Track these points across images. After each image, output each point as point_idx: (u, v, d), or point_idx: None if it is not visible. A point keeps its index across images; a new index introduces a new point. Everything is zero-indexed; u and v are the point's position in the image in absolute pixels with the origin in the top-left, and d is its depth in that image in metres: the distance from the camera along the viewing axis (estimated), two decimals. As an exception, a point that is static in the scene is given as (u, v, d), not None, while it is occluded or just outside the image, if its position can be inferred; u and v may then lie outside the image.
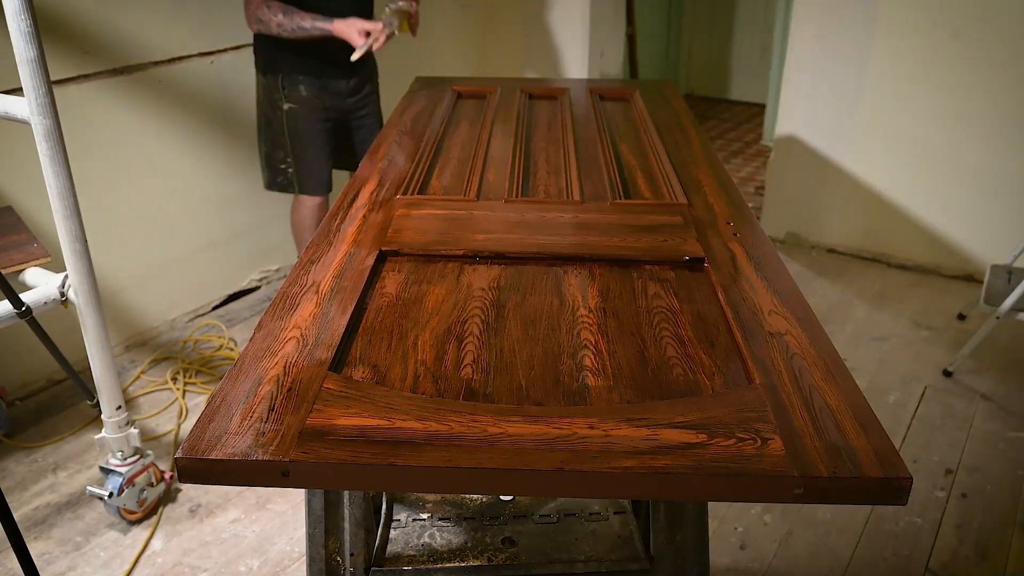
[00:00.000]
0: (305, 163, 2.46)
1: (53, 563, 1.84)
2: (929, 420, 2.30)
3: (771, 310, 1.16)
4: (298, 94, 2.37)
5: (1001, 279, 2.50)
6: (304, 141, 2.43)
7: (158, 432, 2.30)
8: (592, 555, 1.38)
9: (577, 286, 1.25)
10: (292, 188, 2.51)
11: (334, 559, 1.24)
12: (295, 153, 2.44)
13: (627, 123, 2.15)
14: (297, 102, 2.38)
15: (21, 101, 1.55)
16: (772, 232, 3.48)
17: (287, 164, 2.47)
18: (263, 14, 2.22)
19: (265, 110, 2.45)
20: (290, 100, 2.38)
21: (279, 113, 2.40)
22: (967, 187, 2.99)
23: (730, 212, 1.54)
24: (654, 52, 5.47)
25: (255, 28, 2.28)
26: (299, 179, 2.49)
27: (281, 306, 1.16)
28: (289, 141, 2.43)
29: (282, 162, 2.48)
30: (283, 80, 2.36)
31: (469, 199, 1.57)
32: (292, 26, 2.22)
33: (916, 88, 2.97)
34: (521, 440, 0.88)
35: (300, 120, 2.40)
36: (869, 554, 1.84)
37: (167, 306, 2.80)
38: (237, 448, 0.87)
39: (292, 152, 2.44)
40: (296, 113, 2.39)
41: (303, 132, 2.42)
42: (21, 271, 1.82)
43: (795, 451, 0.86)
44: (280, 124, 2.42)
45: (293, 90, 2.37)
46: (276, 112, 2.41)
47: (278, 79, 2.36)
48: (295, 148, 2.44)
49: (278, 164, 2.49)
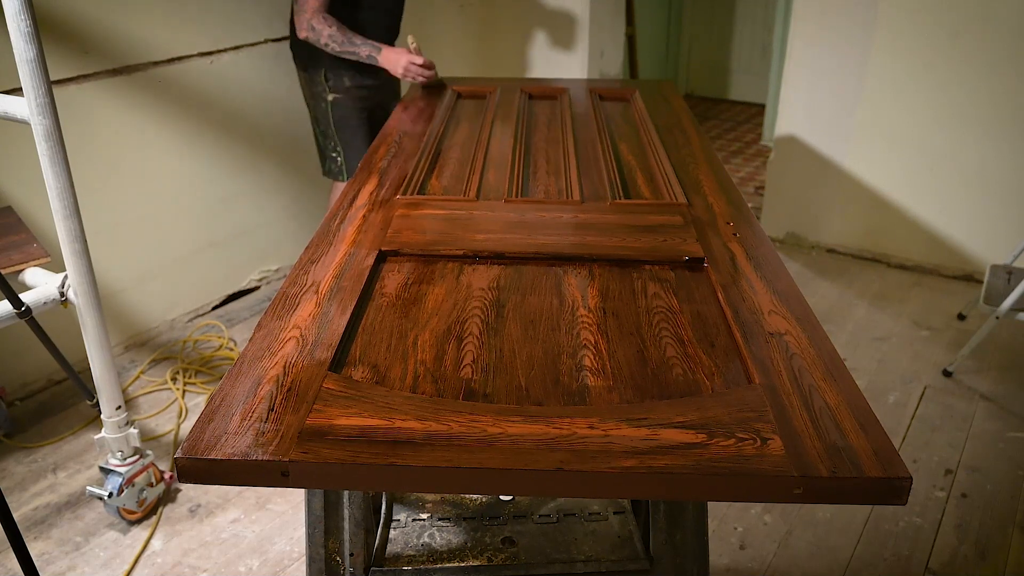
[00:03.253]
0: (352, 150, 2.58)
1: (53, 563, 1.84)
2: (929, 420, 2.30)
3: (771, 310, 1.16)
4: (342, 84, 2.48)
5: (1001, 279, 2.50)
6: (350, 129, 2.55)
7: (158, 432, 2.30)
8: (592, 555, 1.38)
9: (577, 286, 1.25)
10: (342, 175, 2.64)
11: (334, 559, 1.24)
12: (342, 141, 2.58)
13: (627, 123, 2.15)
14: (341, 92, 2.49)
15: (21, 101, 1.55)
16: (772, 232, 3.48)
17: (337, 152, 2.61)
18: (318, 23, 2.32)
19: (311, 103, 2.58)
20: (334, 91, 2.49)
21: (324, 105, 2.52)
22: (967, 187, 2.99)
23: (730, 212, 1.54)
24: (654, 52, 5.47)
25: (304, 35, 2.37)
26: (347, 166, 2.61)
27: (281, 306, 1.16)
28: (335, 131, 2.56)
29: (333, 151, 2.61)
30: (327, 73, 2.46)
31: (469, 199, 1.57)
32: (343, 41, 2.34)
33: (916, 88, 2.97)
34: (521, 440, 0.88)
35: (344, 109, 2.52)
36: (869, 554, 1.84)
37: (167, 306, 2.80)
38: (237, 448, 0.87)
39: (339, 140, 2.58)
40: (340, 103, 2.51)
41: (348, 120, 2.54)
42: (21, 271, 1.81)
43: (795, 451, 0.86)
44: (326, 115, 2.54)
45: (338, 81, 2.47)
46: (321, 104, 2.53)
47: (321, 72, 2.47)
48: (342, 137, 2.57)
49: (329, 153, 2.63)
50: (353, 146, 2.58)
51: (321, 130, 2.62)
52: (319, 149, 2.69)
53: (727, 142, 4.87)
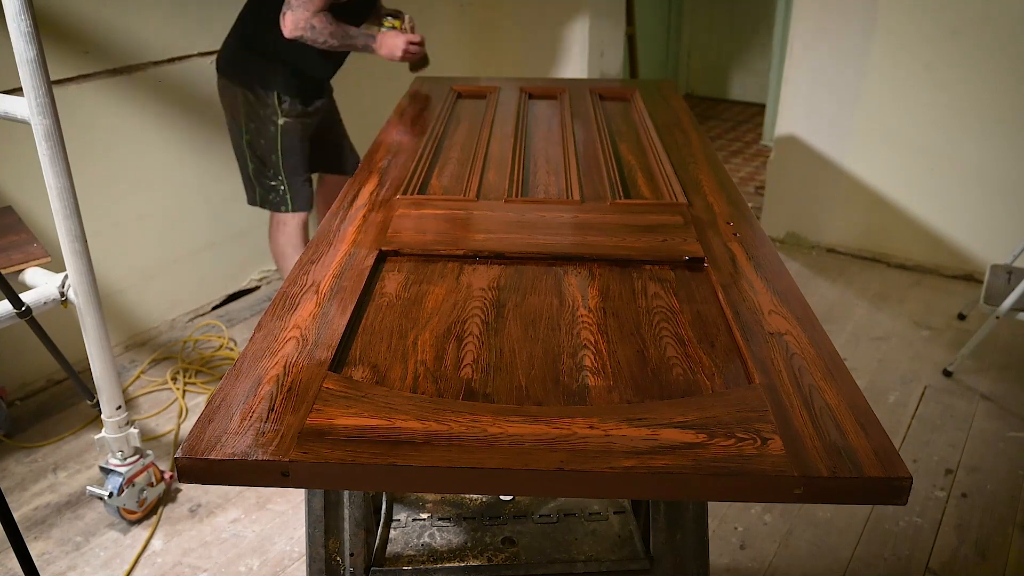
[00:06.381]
0: (296, 179, 2.39)
1: (53, 563, 1.84)
2: (929, 420, 2.30)
3: (771, 310, 1.16)
4: (296, 108, 2.31)
5: (1001, 279, 2.50)
6: (296, 156, 2.37)
7: (158, 432, 2.30)
8: (592, 555, 1.37)
9: (577, 286, 1.25)
10: (286, 206, 2.42)
11: (334, 559, 1.24)
12: (286, 169, 2.37)
13: (627, 123, 2.15)
14: (294, 116, 2.31)
15: (21, 101, 1.55)
16: (772, 232, 3.48)
17: (278, 181, 2.39)
18: (319, 22, 2.16)
19: (249, 126, 2.33)
20: (287, 115, 2.30)
21: (272, 129, 2.31)
22: (967, 187, 2.99)
23: (730, 212, 1.54)
24: (654, 52, 5.47)
25: (299, 33, 2.16)
26: (292, 195, 2.40)
27: (281, 306, 1.16)
28: (281, 158, 2.35)
29: (272, 179, 2.39)
30: (281, 94, 2.27)
31: (469, 199, 1.57)
32: (342, 36, 2.21)
33: (916, 88, 2.97)
34: (521, 440, 0.88)
35: (294, 136, 2.33)
36: (869, 554, 1.84)
37: (167, 306, 2.80)
38: (237, 448, 0.87)
39: (283, 169, 2.36)
40: (291, 129, 2.32)
41: (295, 147, 2.35)
42: (21, 271, 1.81)
43: (795, 451, 0.86)
44: (273, 140, 2.32)
45: (293, 105, 2.29)
46: (268, 128, 2.31)
47: (274, 94, 2.27)
48: (287, 164, 2.36)
49: (268, 182, 2.39)
50: (298, 173, 2.39)
51: (259, 156, 2.36)
52: (253, 176, 2.42)
53: (727, 142, 4.87)
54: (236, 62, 2.32)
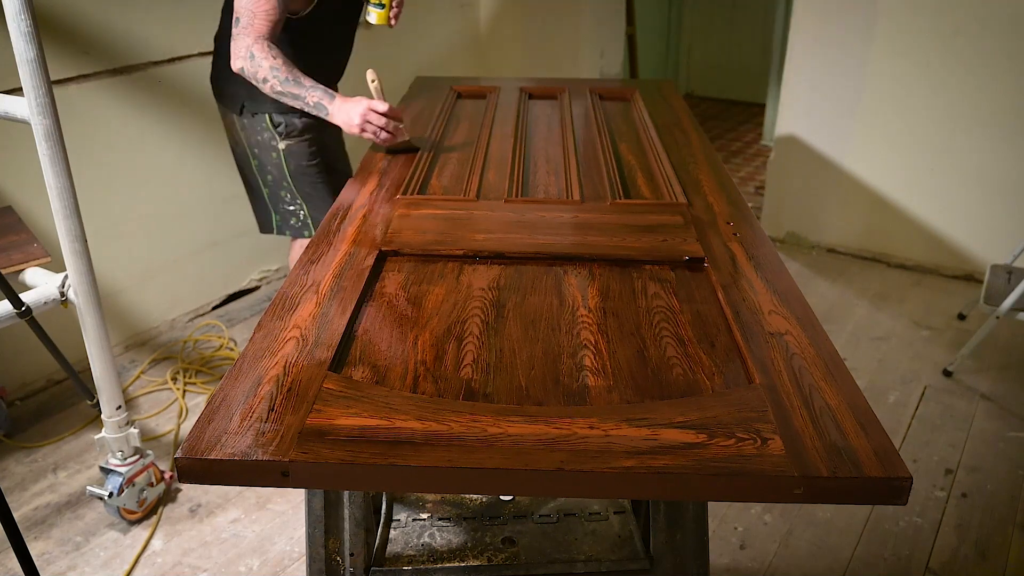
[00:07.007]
0: (315, 200, 2.13)
1: (53, 563, 1.84)
2: (929, 420, 2.30)
3: (771, 310, 1.16)
4: (294, 128, 2.02)
5: (1001, 279, 2.50)
6: (309, 178, 2.11)
7: (158, 432, 2.30)
8: (592, 555, 1.37)
9: (577, 286, 1.25)
10: (308, 231, 2.17)
11: (334, 559, 1.24)
12: (303, 193, 2.12)
13: (627, 123, 2.15)
14: (294, 136, 2.03)
15: (21, 101, 1.55)
16: (772, 232, 3.48)
17: (296, 205, 2.15)
18: (260, 51, 1.78)
19: (253, 152, 2.11)
20: (287, 137, 2.03)
21: (275, 155, 2.06)
22: (967, 187, 2.99)
23: (730, 212, 1.54)
24: (654, 52, 5.48)
25: (240, 65, 1.81)
26: (313, 219, 2.15)
27: (281, 306, 1.16)
28: (293, 183, 2.10)
29: (290, 204, 2.15)
30: (273, 117, 2.00)
31: (469, 199, 1.57)
32: (286, 80, 1.79)
33: (916, 88, 2.97)
34: (521, 440, 0.88)
35: (300, 157, 2.07)
36: (869, 554, 1.84)
37: (167, 306, 2.80)
38: (237, 448, 0.87)
39: (298, 192, 2.12)
40: (295, 151, 2.06)
41: (306, 169, 2.09)
42: (21, 271, 1.81)
43: (795, 451, 0.86)
44: (279, 166, 2.09)
45: (290, 125, 2.01)
46: (270, 154, 2.07)
47: (266, 116, 2.01)
48: (301, 188, 2.11)
49: (287, 207, 2.16)
50: (316, 196, 2.12)
51: (270, 183, 2.13)
52: (264, 204, 2.21)
53: (727, 142, 4.86)
54: (223, 85, 2.08)
